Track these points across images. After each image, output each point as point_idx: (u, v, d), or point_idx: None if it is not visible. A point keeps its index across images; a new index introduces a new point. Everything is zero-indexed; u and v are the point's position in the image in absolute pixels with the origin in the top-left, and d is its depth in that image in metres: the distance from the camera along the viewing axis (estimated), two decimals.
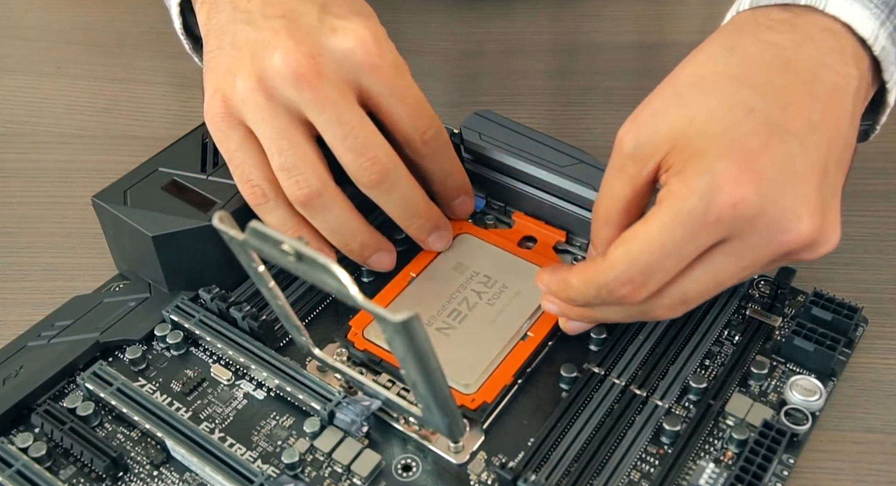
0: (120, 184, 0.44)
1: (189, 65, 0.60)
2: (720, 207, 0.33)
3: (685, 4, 0.66)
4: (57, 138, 0.56)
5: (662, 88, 0.36)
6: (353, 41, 0.40)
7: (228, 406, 0.40)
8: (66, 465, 0.38)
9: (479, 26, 0.65)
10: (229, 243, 0.33)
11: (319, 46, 0.40)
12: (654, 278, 0.35)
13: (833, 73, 0.35)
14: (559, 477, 0.36)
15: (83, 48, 0.64)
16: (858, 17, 0.36)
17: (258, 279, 0.35)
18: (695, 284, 0.35)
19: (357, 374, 0.39)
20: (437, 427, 0.36)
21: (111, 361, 0.42)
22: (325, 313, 0.44)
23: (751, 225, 0.33)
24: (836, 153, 0.35)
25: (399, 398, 0.38)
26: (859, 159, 0.38)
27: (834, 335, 0.40)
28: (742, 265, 0.35)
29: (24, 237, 0.50)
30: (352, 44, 0.40)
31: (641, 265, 0.34)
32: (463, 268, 0.45)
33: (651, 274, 0.34)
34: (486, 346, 0.41)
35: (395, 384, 0.40)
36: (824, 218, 0.34)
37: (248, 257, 0.33)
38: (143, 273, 0.45)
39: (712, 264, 0.35)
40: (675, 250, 0.34)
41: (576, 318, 0.41)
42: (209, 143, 0.46)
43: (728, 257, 0.35)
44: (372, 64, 0.40)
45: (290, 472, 0.37)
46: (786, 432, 0.37)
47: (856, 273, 0.46)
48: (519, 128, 0.48)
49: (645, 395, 0.39)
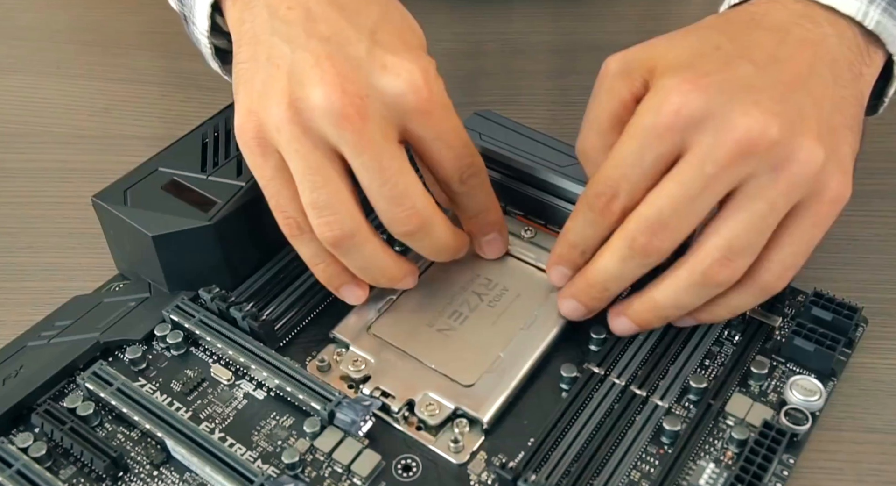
0: (120, 184, 0.44)
1: (189, 65, 0.61)
2: (666, 115, 0.36)
3: (685, 5, 0.66)
4: (57, 138, 0.56)
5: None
6: (404, 84, 0.37)
7: (228, 406, 0.40)
8: (66, 465, 0.38)
9: (479, 26, 0.65)
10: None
11: (367, 87, 0.37)
12: (622, 189, 0.37)
13: (803, 30, 0.38)
14: (559, 477, 0.36)
15: (83, 48, 0.64)
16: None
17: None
18: (665, 199, 0.36)
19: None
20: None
21: (111, 361, 0.42)
22: (325, 312, 0.44)
23: (699, 127, 0.35)
24: (813, 90, 0.36)
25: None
26: (859, 159, 0.39)
27: (834, 335, 0.40)
28: (704, 172, 0.35)
29: (24, 237, 0.50)
30: (403, 87, 0.37)
31: (608, 177, 0.37)
32: (464, 270, 0.45)
33: (617, 185, 0.37)
34: (487, 347, 0.41)
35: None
36: (791, 127, 0.35)
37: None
38: (143, 273, 0.45)
39: (678, 175, 0.36)
40: (635, 161, 0.36)
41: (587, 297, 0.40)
42: (209, 143, 0.46)
43: (689, 165, 0.36)
44: (421, 109, 0.38)
45: (290, 472, 0.37)
46: (786, 432, 0.37)
47: (856, 273, 0.46)
48: (519, 128, 0.48)
49: (645, 395, 0.39)
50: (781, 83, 0.36)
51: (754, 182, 0.35)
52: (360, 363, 0.41)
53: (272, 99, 0.38)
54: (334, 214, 0.38)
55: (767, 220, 0.36)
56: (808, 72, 0.37)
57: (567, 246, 0.41)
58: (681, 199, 0.36)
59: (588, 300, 0.41)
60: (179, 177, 0.44)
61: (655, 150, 0.36)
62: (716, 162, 0.35)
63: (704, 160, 0.35)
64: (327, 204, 0.38)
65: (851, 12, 0.38)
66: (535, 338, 0.42)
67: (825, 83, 0.37)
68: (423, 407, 0.39)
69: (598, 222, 0.39)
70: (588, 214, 0.39)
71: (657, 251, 0.37)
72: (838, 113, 0.37)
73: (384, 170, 0.37)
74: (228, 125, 0.47)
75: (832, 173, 0.36)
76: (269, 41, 0.39)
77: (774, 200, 0.36)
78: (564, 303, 0.41)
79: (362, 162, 0.37)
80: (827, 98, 0.37)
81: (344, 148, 0.37)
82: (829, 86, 0.37)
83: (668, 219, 0.36)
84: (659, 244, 0.37)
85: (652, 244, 0.37)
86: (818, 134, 0.36)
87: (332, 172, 0.38)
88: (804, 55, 0.37)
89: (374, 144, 0.37)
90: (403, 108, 0.38)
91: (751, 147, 0.35)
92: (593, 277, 0.40)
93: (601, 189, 0.38)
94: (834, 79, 0.38)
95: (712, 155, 0.35)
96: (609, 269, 0.39)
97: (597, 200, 0.38)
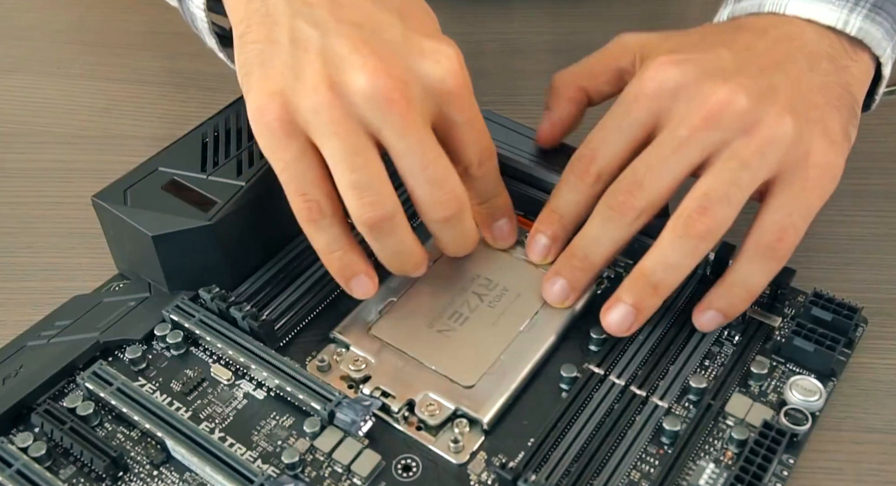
0: (120, 184, 0.44)
1: (189, 65, 0.61)
2: (643, 83, 0.40)
3: (685, 5, 0.66)
4: (57, 138, 0.56)
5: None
6: (444, 70, 0.38)
7: (228, 406, 0.40)
8: (66, 465, 0.38)
9: (479, 26, 0.65)
10: None
11: (409, 70, 0.37)
12: (600, 153, 0.41)
13: (783, 30, 0.41)
14: (559, 477, 0.36)
15: (83, 48, 0.64)
16: (817, 11, 0.41)
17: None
18: (642, 161, 0.39)
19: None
20: None
21: (111, 360, 0.42)
22: (325, 313, 0.44)
23: (674, 97, 0.39)
24: (788, 71, 0.40)
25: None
26: (859, 159, 0.39)
27: (834, 335, 0.40)
28: (677, 134, 0.39)
29: (24, 237, 0.50)
30: (443, 73, 0.38)
31: (589, 141, 0.41)
32: (464, 270, 0.45)
33: (596, 148, 0.41)
34: (487, 348, 0.41)
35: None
36: (760, 98, 0.38)
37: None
38: (143, 273, 0.45)
39: (655, 142, 0.39)
40: (614, 125, 0.41)
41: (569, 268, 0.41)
42: (209, 143, 0.46)
43: (664, 130, 0.39)
44: (458, 95, 0.38)
45: (290, 472, 0.37)
46: (786, 432, 0.37)
47: (856, 273, 0.46)
48: (519, 128, 0.48)
49: (645, 395, 0.39)
50: (755, 65, 0.40)
51: (727, 148, 0.38)
52: (360, 363, 0.41)
53: (307, 82, 0.37)
54: (377, 194, 0.37)
55: (741, 174, 0.38)
56: (783, 58, 0.40)
57: (547, 211, 0.43)
58: (655, 158, 0.39)
59: (570, 272, 0.41)
60: (179, 177, 0.44)
61: (632, 114, 0.40)
62: (688, 126, 0.38)
63: (678, 125, 0.39)
64: (369, 185, 0.37)
65: (831, 23, 0.41)
66: (536, 339, 0.42)
67: (800, 68, 0.40)
68: (423, 407, 0.39)
69: (577, 186, 0.42)
70: (569, 177, 0.42)
71: (633, 209, 0.39)
72: (819, 94, 0.40)
73: (427, 153, 0.38)
74: (228, 125, 0.47)
75: (815, 140, 0.39)
76: (291, 24, 0.38)
77: (747, 158, 0.38)
78: (548, 284, 0.42)
79: (406, 145, 0.37)
80: (803, 80, 0.40)
81: (387, 132, 0.37)
82: (805, 71, 0.40)
83: (642, 177, 0.39)
84: (634, 202, 0.39)
85: (628, 202, 0.39)
86: (789, 106, 0.38)
87: (372, 154, 0.37)
88: (780, 47, 0.41)
89: (419, 127, 0.37)
90: (441, 92, 0.38)
91: (721, 113, 0.38)
92: (575, 244, 0.41)
93: (582, 152, 0.41)
94: (811, 66, 0.40)
95: (685, 121, 0.39)
96: (589, 232, 0.41)
97: (577, 163, 0.41)
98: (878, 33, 0.41)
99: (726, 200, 0.38)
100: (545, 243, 0.43)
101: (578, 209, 0.42)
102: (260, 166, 0.44)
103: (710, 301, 0.40)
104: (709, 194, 0.38)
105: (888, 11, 0.41)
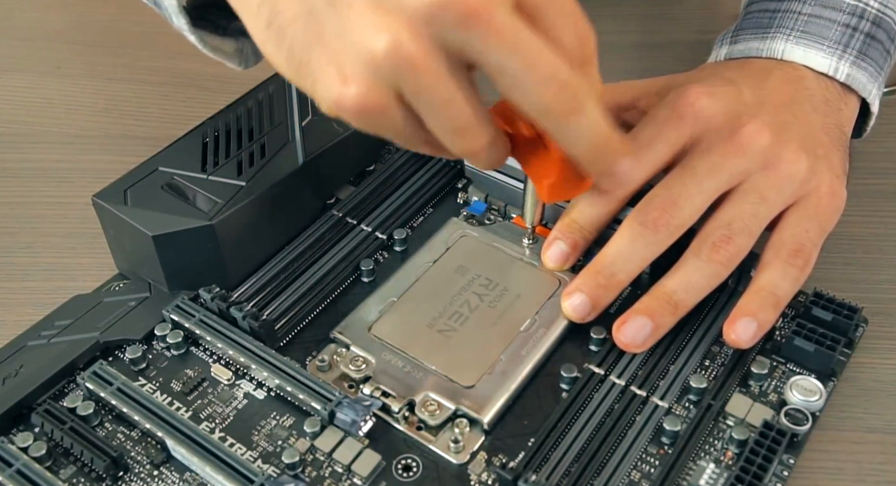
0: (120, 184, 0.44)
1: (189, 65, 0.61)
2: (682, 106, 0.42)
3: (685, 5, 0.66)
4: (57, 138, 0.56)
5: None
6: None
7: (228, 406, 0.40)
8: (66, 465, 0.38)
9: None
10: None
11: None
12: (632, 167, 0.41)
13: (784, 72, 0.45)
14: (559, 477, 0.36)
15: (83, 48, 0.64)
16: (812, 58, 0.45)
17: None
18: (677, 179, 0.41)
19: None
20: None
21: (111, 360, 0.42)
22: (325, 312, 0.44)
23: (708, 124, 0.42)
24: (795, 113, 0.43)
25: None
26: (859, 159, 0.39)
27: (834, 336, 0.40)
28: (710, 159, 0.41)
29: (24, 237, 0.50)
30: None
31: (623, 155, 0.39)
32: (464, 270, 0.45)
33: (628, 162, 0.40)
34: (487, 348, 0.41)
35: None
36: (779, 136, 0.42)
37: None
38: (143, 273, 0.45)
39: (688, 161, 0.41)
40: (647, 142, 0.42)
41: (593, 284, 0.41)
42: (209, 143, 0.46)
43: (698, 153, 0.41)
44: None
45: (290, 472, 0.37)
46: (786, 432, 0.37)
47: (856, 273, 0.46)
48: None
49: (645, 395, 0.39)
50: (770, 104, 0.43)
51: (748, 179, 0.41)
52: (360, 363, 0.41)
53: (370, 37, 0.32)
54: (483, 128, 0.35)
55: (760, 208, 0.41)
56: (789, 100, 0.44)
57: (568, 220, 0.43)
58: (689, 180, 0.41)
59: (594, 289, 0.41)
60: (179, 177, 0.44)
61: (667, 134, 0.42)
62: (721, 152, 0.41)
63: (711, 150, 0.41)
64: (474, 124, 0.35)
65: (823, 69, 0.45)
66: (536, 339, 0.42)
67: (805, 110, 0.44)
68: (423, 407, 0.39)
69: (600, 199, 0.43)
70: (593, 190, 0.42)
71: (666, 226, 0.40)
72: (823, 133, 0.44)
73: (528, 51, 0.33)
74: (228, 125, 0.47)
75: (824, 174, 0.42)
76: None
77: (766, 192, 0.41)
78: (569, 299, 0.41)
79: (506, 50, 0.32)
80: (809, 121, 0.44)
81: (473, 45, 0.32)
82: (810, 111, 0.44)
83: (677, 196, 0.40)
84: (669, 219, 0.40)
85: (662, 219, 0.40)
86: (801, 144, 0.42)
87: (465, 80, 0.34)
88: (785, 89, 0.45)
89: (508, 26, 0.32)
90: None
91: (749, 145, 0.41)
92: (601, 261, 0.41)
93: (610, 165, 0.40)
94: (812, 108, 0.44)
95: (718, 147, 0.41)
96: (618, 248, 0.41)
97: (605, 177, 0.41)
98: (864, 78, 0.46)
99: (747, 230, 0.40)
100: (564, 250, 0.43)
101: (599, 223, 0.43)
102: (260, 166, 0.44)
103: (740, 308, 0.40)
104: (731, 225, 0.40)
105: (872, 57, 0.46)
